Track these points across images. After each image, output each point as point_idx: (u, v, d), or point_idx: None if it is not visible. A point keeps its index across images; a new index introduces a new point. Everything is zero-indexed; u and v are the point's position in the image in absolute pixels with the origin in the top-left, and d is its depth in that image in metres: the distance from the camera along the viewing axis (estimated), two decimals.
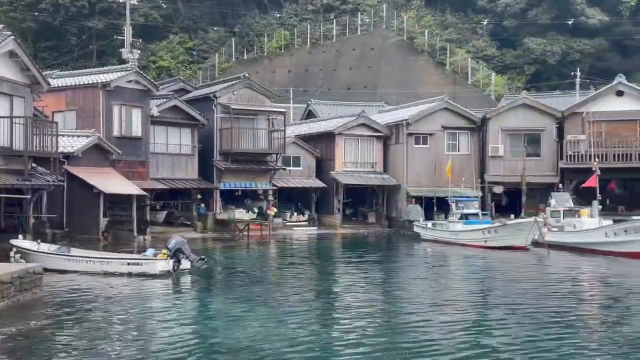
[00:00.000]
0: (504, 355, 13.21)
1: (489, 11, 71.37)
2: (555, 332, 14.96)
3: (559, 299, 19.80)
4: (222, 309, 17.69)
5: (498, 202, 42.41)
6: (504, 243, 32.00)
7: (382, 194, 44.45)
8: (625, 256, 28.61)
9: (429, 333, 14.96)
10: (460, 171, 41.08)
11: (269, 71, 70.16)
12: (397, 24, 67.86)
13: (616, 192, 41.34)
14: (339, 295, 21.15)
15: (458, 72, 63.06)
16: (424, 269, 28.14)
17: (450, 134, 43.33)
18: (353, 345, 13.85)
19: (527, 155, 41.27)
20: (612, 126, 39.83)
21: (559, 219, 33.79)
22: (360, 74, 67.21)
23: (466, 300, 19.65)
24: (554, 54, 65.35)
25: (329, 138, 44.14)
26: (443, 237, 36.24)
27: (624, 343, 14.08)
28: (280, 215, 42.50)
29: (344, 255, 32.96)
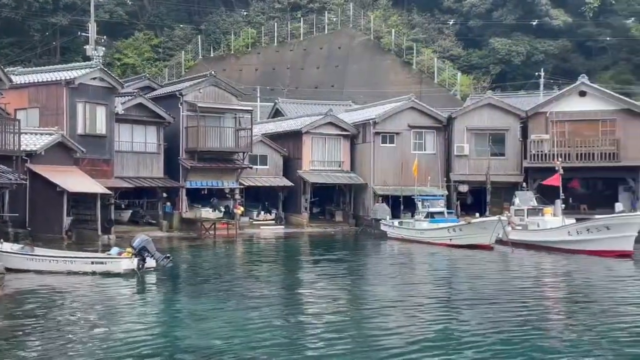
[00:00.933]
0: (468, 351, 13.34)
1: (455, 11, 72.00)
2: (518, 328, 15.16)
3: (521, 296, 20.08)
4: (187, 308, 17.59)
5: (463, 200, 42.84)
6: (468, 241, 32.30)
7: (349, 193, 44.57)
8: (588, 254, 29.09)
9: (393, 331, 15.04)
10: (427, 170, 41.38)
11: (235, 69, 69.88)
12: (364, 23, 68.10)
13: (579, 191, 41.99)
14: (305, 293, 21.16)
15: (424, 72, 63.50)
16: (389, 267, 28.26)
17: (416, 133, 43.60)
18: (319, 344, 13.87)
19: (492, 155, 41.70)
20: (575, 126, 40.47)
21: (523, 217, 34.20)
22: (328, 73, 67.32)
23: (430, 298, 19.79)
24: (518, 54, 66.21)
25: (296, 137, 44.11)
26: (409, 235, 36.49)
27: (585, 339, 14.33)
28: (247, 214, 42.36)
29: (310, 253, 33.00)
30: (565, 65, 68.84)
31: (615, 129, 39.83)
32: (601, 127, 40.11)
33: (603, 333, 14.85)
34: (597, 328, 15.33)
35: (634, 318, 16.75)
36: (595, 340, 14.25)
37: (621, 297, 20.28)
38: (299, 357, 13.04)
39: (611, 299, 19.72)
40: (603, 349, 13.51)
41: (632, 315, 17.09)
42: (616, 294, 20.70)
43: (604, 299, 19.66)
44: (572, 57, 70.98)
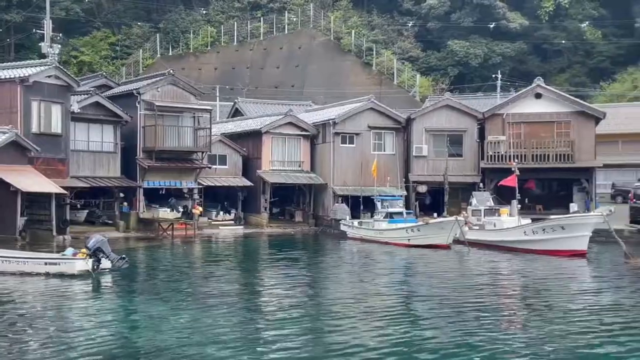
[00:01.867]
0: (424, 348, 13.43)
1: (414, 13, 72.64)
2: (473, 327, 15.32)
3: (477, 294, 20.31)
4: (143, 309, 17.37)
5: (422, 201, 43.17)
6: (426, 241, 32.57)
7: (309, 193, 44.55)
8: (543, 253, 29.56)
9: (351, 329, 15.06)
10: (386, 170, 41.59)
11: (194, 68, 69.38)
12: (324, 24, 68.21)
13: (534, 192, 42.67)
14: (263, 293, 21.07)
15: (384, 73, 63.91)
16: (348, 266, 28.34)
17: (376, 133, 43.78)
18: (276, 343, 13.82)
19: (450, 155, 42.09)
20: (530, 127, 41.09)
21: (480, 217, 34.61)
22: (288, 73, 67.26)
23: (387, 297, 19.90)
24: (476, 56, 67.10)
25: (256, 137, 43.93)
26: (368, 235, 36.64)
27: (537, 335, 14.56)
28: (206, 214, 42.03)
29: (270, 254, 32.88)
30: (521, 67, 70.04)
31: (569, 131, 40.56)
32: (556, 129, 40.80)
33: (554, 330, 15.09)
34: (549, 326, 15.59)
35: (584, 316, 17.06)
36: (546, 337, 14.47)
37: (573, 295, 20.63)
38: (255, 356, 12.96)
39: (563, 297, 20.07)
40: (554, 346, 13.72)
41: (582, 313, 17.41)
42: (568, 293, 21.07)
43: (556, 297, 19.99)
44: (529, 59, 72.28)
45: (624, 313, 17.37)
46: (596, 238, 31.39)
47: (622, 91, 65.49)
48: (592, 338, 14.58)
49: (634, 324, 15.98)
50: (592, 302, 19.43)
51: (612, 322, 16.17)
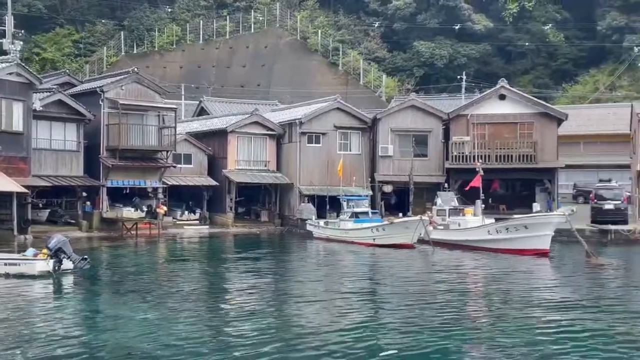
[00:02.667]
0: (387, 346, 13.48)
1: (380, 14, 72.98)
2: (437, 325, 15.43)
3: (440, 293, 20.46)
4: (105, 310, 17.15)
5: (388, 200, 43.36)
6: (391, 241, 32.71)
7: (275, 193, 44.44)
8: (507, 253, 29.90)
9: (315, 328, 15.05)
10: (352, 170, 41.70)
11: (159, 66, 68.78)
12: (290, 23, 68.17)
13: (498, 192, 43.14)
14: (228, 293, 20.96)
15: (350, 73, 64.11)
16: (314, 266, 28.34)
17: (342, 133, 43.84)
18: (241, 343, 13.74)
19: (415, 156, 42.32)
20: (494, 128, 41.53)
21: (445, 217, 34.87)
22: (254, 72, 67.09)
23: (351, 296, 19.91)
24: (441, 57, 67.64)
25: (221, 136, 43.69)
26: (334, 235, 36.68)
27: (501, 334, 14.72)
28: (171, 214, 41.66)
29: (235, 254, 32.73)
30: (486, 68, 70.80)
31: (532, 132, 41.07)
32: (519, 130, 41.28)
33: (518, 327, 15.26)
34: (513, 323, 15.77)
35: (544, 313, 17.29)
36: (509, 334, 14.63)
37: (534, 293, 20.88)
38: (219, 356, 12.88)
39: (526, 295, 20.31)
40: (516, 342, 13.89)
41: (542, 310, 17.64)
42: (530, 291, 21.32)
43: (518, 295, 20.21)
44: (493, 61, 73.11)
45: (581, 310, 17.62)
46: (558, 237, 31.83)
47: (584, 93, 66.62)
48: (551, 334, 14.80)
49: (590, 320, 16.22)
50: (553, 299, 19.70)
51: (571, 318, 16.41)
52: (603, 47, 68.81)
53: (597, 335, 14.72)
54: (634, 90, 63.39)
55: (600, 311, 17.54)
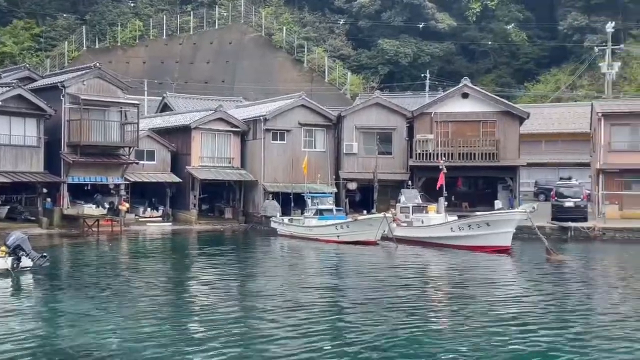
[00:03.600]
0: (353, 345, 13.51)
1: (345, 11, 73.10)
2: (399, 321, 15.52)
3: (402, 289, 20.55)
4: (65, 308, 16.87)
5: (352, 198, 43.46)
6: (355, 238, 32.81)
7: (239, 190, 44.21)
8: (469, 249, 30.19)
9: (278, 327, 15.01)
10: (316, 167, 41.70)
11: (122, 62, 68.00)
12: (255, 20, 67.94)
13: (461, 190, 43.54)
14: (190, 290, 20.80)
15: (315, 70, 64.12)
16: (277, 263, 28.26)
17: (307, 130, 43.80)
18: (201, 340, 13.64)
19: (380, 153, 42.47)
20: (457, 126, 41.88)
21: (408, 214, 35.08)
22: (218, 68, 66.71)
23: (314, 292, 19.93)
24: (406, 55, 67.99)
25: (185, 132, 43.31)
26: (298, 232, 36.64)
27: (459, 327, 14.86)
28: (133, 211, 41.17)
29: (198, 251, 32.51)
30: (449, 67, 71.38)
31: (495, 130, 41.49)
32: (482, 128, 41.68)
33: (479, 322, 15.42)
34: (474, 317, 15.93)
35: (508, 308, 17.50)
36: (472, 329, 14.77)
37: (495, 288, 21.13)
38: (178, 352, 12.77)
39: (488, 290, 20.55)
40: (478, 337, 14.03)
41: (502, 305, 17.85)
42: (493, 286, 21.57)
43: (481, 290, 20.44)
44: (456, 59, 73.73)
45: (538, 304, 17.88)
46: (519, 234, 32.29)
47: (546, 92, 67.59)
48: (508, 326, 15.01)
49: (545, 313, 16.47)
50: (512, 294, 19.98)
51: (527, 312, 16.67)
52: (564, 46, 69.88)
53: (552, 328, 15.02)
54: (594, 89, 64.49)
55: (556, 305, 17.83)
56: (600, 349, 13.44)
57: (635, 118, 40.08)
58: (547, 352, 13.23)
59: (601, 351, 13.30)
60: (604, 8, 68.47)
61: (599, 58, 57.40)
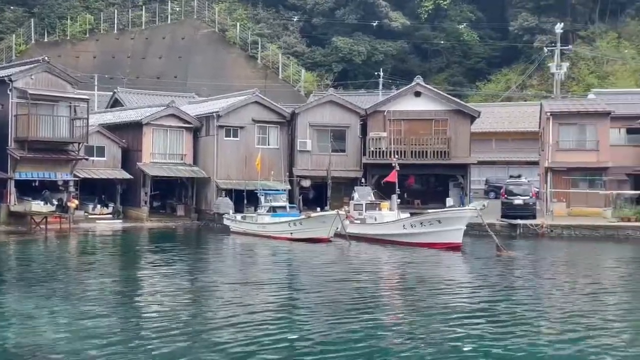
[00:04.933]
0: (302, 342, 13.51)
1: (299, 8, 73.07)
2: (355, 317, 15.57)
3: (355, 286, 20.63)
4: (10, 308, 16.44)
5: (306, 195, 43.43)
6: (308, 235, 32.82)
7: (192, 187, 43.81)
8: (421, 246, 30.45)
9: (229, 326, 14.91)
10: (270, 164, 41.58)
11: (72, 56, 66.72)
12: (208, 15, 67.40)
13: (413, 187, 43.93)
14: (139, 289, 20.50)
15: (269, 67, 63.95)
16: (229, 261, 28.11)
17: (260, 127, 43.62)
18: (151, 339, 13.47)
19: (333, 151, 42.57)
20: (410, 125, 42.23)
21: (361, 211, 35.23)
22: (171, 64, 66.00)
23: (265, 290, 19.86)
24: (359, 53, 68.29)
25: (136, 128, 42.70)
26: (251, 229, 36.49)
27: (416, 325, 14.99)
28: (83, 208, 40.47)
29: (149, 249, 32.09)
30: (403, 66, 71.96)
31: (446, 129, 41.97)
32: (434, 127, 42.11)
33: (431, 318, 15.58)
34: (426, 313, 16.09)
35: (459, 303, 17.71)
36: (423, 325, 14.91)
37: (445, 284, 21.38)
38: (128, 352, 12.58)
39: (437, 286, 20.78)
40: (424, 330, 14.18)
41: (456, 300, 18.07)
42: (442, 282, 21.81)
43: (430, 286, 20.65)
44: (410, 58, 74.38)
45: (486, 298, 18.16)
46: (470, 232, 32.73)
47: (496, 91, 68.69)
48: (458, 319, 15.23)
49: (494, 308, 16.74)
50: (461, 290, 20.21)
51: (476, 307, 16.92)
52: (515, 47, 71.10)
53: (498, 321, 15.29)
54: (544, 89, 65.81)
55: (504, 300, 18.12)
56: (545, 341, 13.69)
57: (582, 118, 41.02)
58: (492, 345, 13.43)
59: (546, 345, 13.54)
60: (553, 9, 69.92)
61: (548, 58, 58.55)
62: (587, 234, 35.27)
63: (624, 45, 67.61)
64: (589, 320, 15.74)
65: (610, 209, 38.35)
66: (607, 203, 39.17)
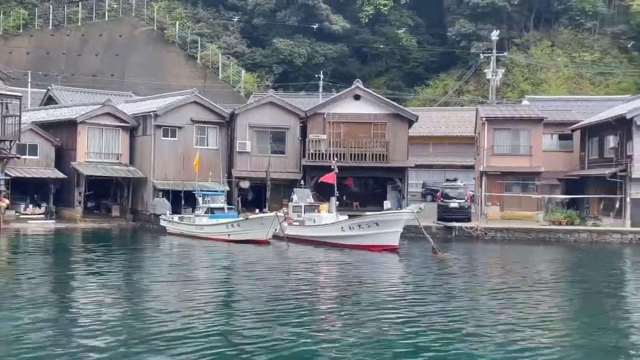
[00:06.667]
0: (237, 344, 13.44)
1: (240, 9, 72.76)
2: (287, 319, 15.56)
3: (292, 287, 20.66)
4: None
5: (245, 196, 43.21)
6: (246, 237, 32.68)
7: (128, 187, 43.04)
8: (359, 248, 30.67)
9: (163, 328, 14.71)
10: (209, 165, 41.21)
11: (4, 51, 64.85)
12: (147, 13, 66.42)
13: (352, 190, 44.22)
14: (71, 291, 20.00)
15: (209, 67, 63.45)
16: (164, 263, 27.68)
17: (199, 127, 43.20)
18: (83, 341, 13.18)
19: (273, 152, 42.51)
20: (349, 127, 42.51)
21: (300, 213, 35.26)
22: (108, 62, 64.78)
23: (201, 292, 19.65)
24: (300, 55, 68.43)
25: (70, 126, 41.74)
26: (189, 230, 36.10)
27: (353, 323, 15.08)
28: (14, 208, 39.36)
29: (82, 249, 31.34)
30: (343, 69, 72.43)
31: (385, 132, 42.41)
32: (373, 130, 42.50)
33: (368, 320, 15.70)
34: (362, 315, 16.21)
35: (397, 304, 17.91)
36: (360, 327, 15.01)
37: (381, 285, 21.60)
38: (56, 354, 12.30)
39: (372, 287, 20.97)
40: (360, 329, 14.30)
41: (395, 301, 18.27)
42: (377, 283, 22.03)
43: (366, 288, 20.83)
44: (350, 61, 74.92)
45: (420, 299, 18.45)
46: (407, 234, 33.14)
47: (434, 96, 69.82)
48: (393, 318, 15.40)
49: (427, 308, 17.02)
50: (397, 291, 20.46)
51: (411, 306, 17.14)
52: (452, 52, 72.40)
53: (432, 322, 15.52)
54: (480, 94, 67.24)
55: (439, 301, 18.42)
56: (476, 340, 13.97)
57: (516, 123, 42.05)
58: (422, 345, 13.66)
59: (478, 342, 13.82)
60: (490, 17, 71.48)
61: (484, 65, 59.84)
62: (520, 237, 36.16)
63: (557, 54, 69.69)
64: (515, 315, 16.19)
65: (542, 213, 39.48)
66: (539, 207, 40.31)
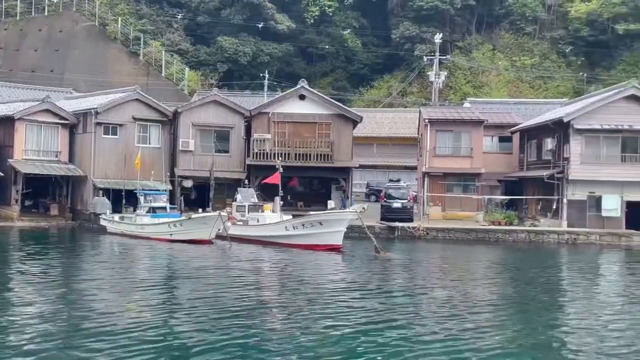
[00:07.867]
0: (179, 346, 13.29)
1: (184, 6, 72.06)
2: (236, 321, 15.47)
3: (235, 287, 20.55)
4: None
5: (188, 196, 42.72)
6: (189, 236, 32.36)
7: (67, 185, 42.13)
8: (303, 248, 30.71)
9: (102, 330, 14.44)
10: (151, 164, 40.63)
11: None
12: (88, 8, 65.07)
13: (297, 189, 44.25)
14: (6, 292, 19.43)
15: (152, 64, 62.54)
16: (102, 263, 27.14)
17: (141, 125, 42.54)
18: (20, 344, 12.84)
19: (217, 151, 42.18)
20: (294, 127, 42.49)
21: (244, 213, 35.09)
22: (47, 57, 63.28)
23: (138, 294, 19.37)
24: (245, 54, 68.14)
25: (7, 123, 40.62)
26: (130, 230, 35.53)
27: (296, 325, 15.08)
28: None
29: (17, 249, 30.50)
30: (288, 68, 72.44)
31: (330, 132, 42.55)
32: (318, 130, 42.58)
33: (312, 318, 15.73)
34: (307, 313, 16.22)
35: (340, 303, 18.00)
36: (304, 326, 15.02)
37: (324, 284, 21.66)
38: None
39: (315, 286, 21.04)
40: (303, 327, 14.31)
41: (331, 300, 18.35)
42: (321, 283, 22.10)
43: (309, 287, 20.87)
44: (295, 61, 74.97)
45: (363, 296, 18.60)
46: (351, 234, 33.33)
47: (379, 97, 70.42)
48: (335, 317, 15.46)
49: (369, 305, 17.17)
50: (339, 289, 20.53)
51: (353, 305, 17.27)
52: (397, 54, 73.14)
53: (372, 318, 15.66)
54: (423, 96, 68.10)
55: (380, 297, 18.65)
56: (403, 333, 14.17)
57: (458, 125, 42.71)
58: (360, 338, 13.76)
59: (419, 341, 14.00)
60: (433, 20, 72.47)
61: (428, 67, 60.65)
62: (461, 237, 36.78)
63: (498, 57, 71.13)
64: (448, 310, 16.49)
65: (482, 213, 40.24)
66: (479, 207, 41.08)
